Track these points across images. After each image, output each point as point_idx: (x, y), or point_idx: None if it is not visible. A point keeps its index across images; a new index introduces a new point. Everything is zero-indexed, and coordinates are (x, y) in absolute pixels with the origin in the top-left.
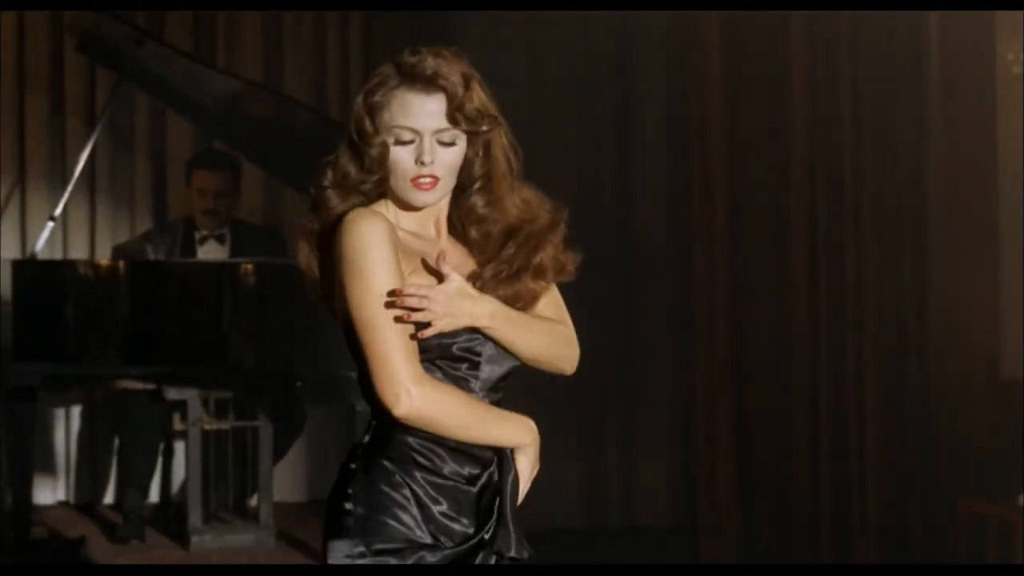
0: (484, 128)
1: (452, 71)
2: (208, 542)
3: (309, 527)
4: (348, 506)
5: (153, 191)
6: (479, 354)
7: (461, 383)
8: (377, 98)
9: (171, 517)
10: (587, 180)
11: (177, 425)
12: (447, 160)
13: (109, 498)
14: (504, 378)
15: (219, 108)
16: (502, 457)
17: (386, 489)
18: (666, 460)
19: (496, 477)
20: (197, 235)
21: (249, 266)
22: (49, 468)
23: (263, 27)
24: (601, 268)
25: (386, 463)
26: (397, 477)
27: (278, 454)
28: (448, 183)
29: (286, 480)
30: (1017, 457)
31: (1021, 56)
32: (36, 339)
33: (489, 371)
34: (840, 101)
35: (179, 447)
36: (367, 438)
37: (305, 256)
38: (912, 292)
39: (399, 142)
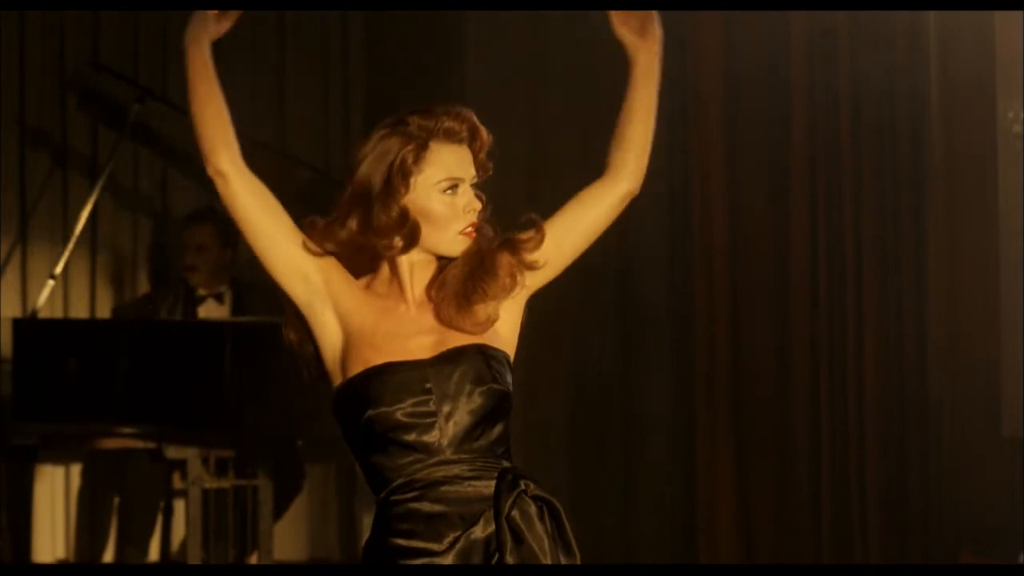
0: (489, 173)
1: (477, 125)
2: None
3: None
4: None
5: (154, 250)
6: (432, 414)
7: (424, 449)
8: (410, 162)
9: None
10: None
11: (177, 484)
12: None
13: (109, 556)
14: (478, 427)
15: None
16: (497, 510)
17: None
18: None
19: (488, 531)
20: (196, 294)
21: (249, 324)
22: (48, 526)
23: (263, 83)
24: (597, 279)
25: (382, 552)
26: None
27: (278, 512)
28: None
29: (286, 538)
30: (1018, 515)
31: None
32: (36, 397)
33: (454, 427)
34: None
35: (179, 505)
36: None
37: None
38: (912, 351)
39: (449, 193)
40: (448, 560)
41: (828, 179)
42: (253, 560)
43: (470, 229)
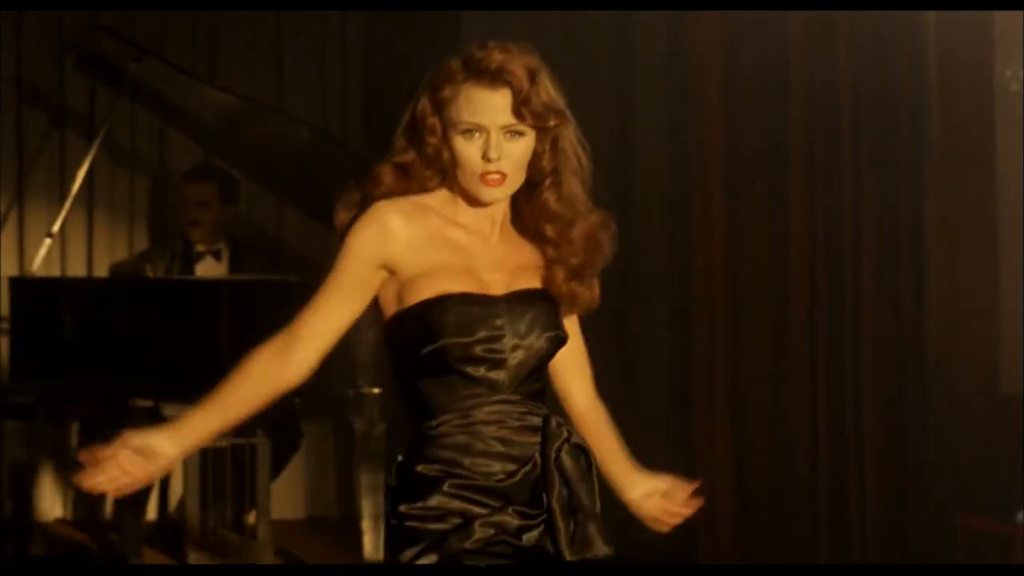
0: (551, 123)
1: (518, 65)
2: (205, 559)
3: (307, 544)
4: (394, 522)
5: (151, 208)
6: (502, 351)
7: (489, 384)
8: (444, 93)
9: (169, 534)
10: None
11: None
12: (514, 155)
13: (107, 515)
14: (536, 370)
15: (218, 125)
16: (544, 454)
17: (420, 505)
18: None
19: (537, 471)
20: (193, 251)
21: (246, 282)
22: (47, 485)
23: (262, 43)
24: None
25: (417, 480)
26: (429, 492)
27: (276, 471)
28: (516, 179)
29: (284, 497)
30: (1016, 473)
31: (1021, 73)
32: (34, 356)
33: (518, 367)
34: (841, 113)
35: (176, 464)
36: (405, 451)
37: (341, 221)
38: (910, 307)
39: (466, 137)
40: (492, 497)
41: (827, 157)
42: (251, 518)
43: (490, 176)
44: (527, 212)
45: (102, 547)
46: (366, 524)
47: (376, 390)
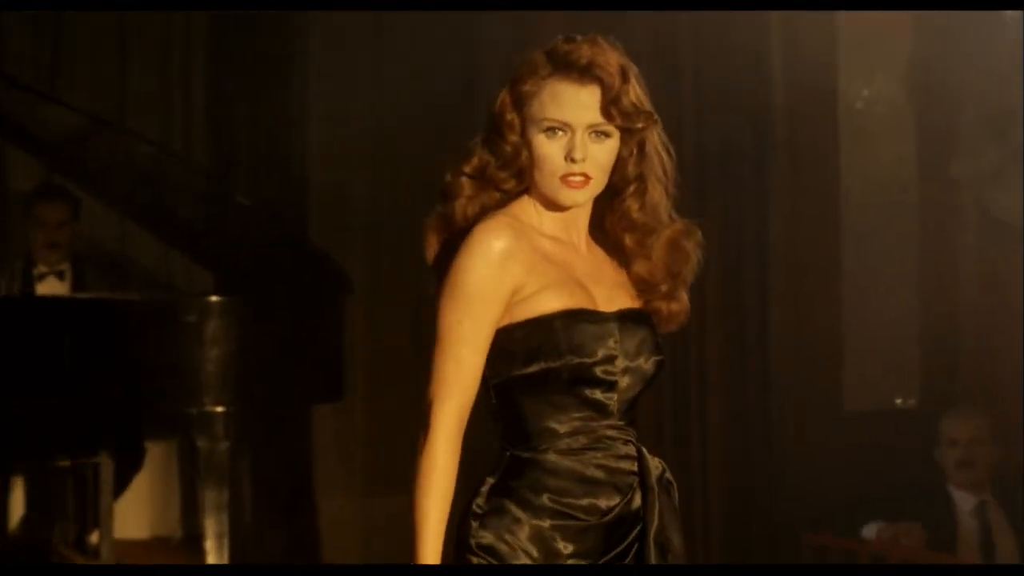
0: (639, 125)
1: (609, 61)
2: None
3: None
4: (472, 558)
5: None
6: (614, 373)
7: (599, 408)
8: (526, 87)
9: (10, 553)
10: None
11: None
12: (600, 158)
13: None
14: (639, 395)
15: (58, 141)
16: (646, 485)
17: (508, 539)
18: None
19: (635, 504)
20: (35, 271)
21: (92, 301)
22: None
23: (105, 50)
24: None
25: (514, 508)
26: (524, 524)
27: (119, 490)
28: (599, 183)
29: (128, 516)
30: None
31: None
32: None
33: (626, 391)
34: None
35: (17, 484)
36: (498, 473)
37: (432, 251)
38: (754, 327)
39: (549, 136)
40: (590, 540)
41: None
42: (94, 538)
43: (573, 179)
44: (607, 221)
45: None
46: (209, 544)
47: (220, 408)
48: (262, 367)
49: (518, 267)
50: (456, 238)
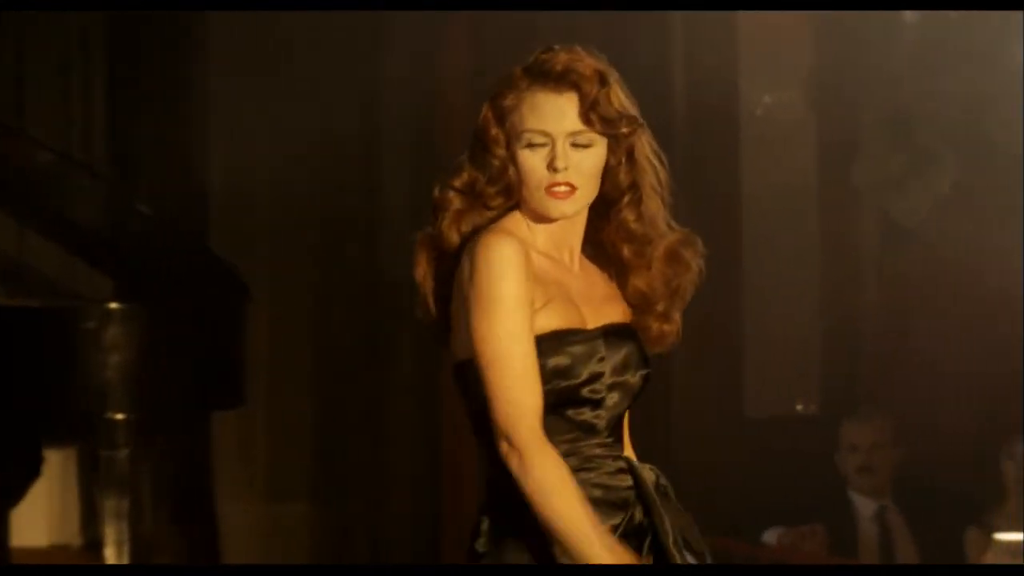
0: (623, 130)
1: (586, 67)
2: None
3: None
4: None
5: None
6: (600, 391)
7: (587, 428)
8: (507, 101)
9: None
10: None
11: None
12: (584, 166)
13: None
14: (625, 411)
15: None
16: (646, 498)
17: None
18: None
19: (637, 519)
20: None
21: None
22: None
23: (2, 62)
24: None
25: (519, 546)
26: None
27: (15, 497)
28: (587, 193)
29: (25, 524)
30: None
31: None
32: None
33: (614, 408)
34: None
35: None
36: (495, 511)
37: (422, 269)
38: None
39: (531, 147)
40: None
41: None
42: None
43: (557, 189)
44: (603, 234)
45: None
46: (109, 551)
47: (120, 416)
48: (163, 374)
49: (531, 269)
50: (446, 257)
